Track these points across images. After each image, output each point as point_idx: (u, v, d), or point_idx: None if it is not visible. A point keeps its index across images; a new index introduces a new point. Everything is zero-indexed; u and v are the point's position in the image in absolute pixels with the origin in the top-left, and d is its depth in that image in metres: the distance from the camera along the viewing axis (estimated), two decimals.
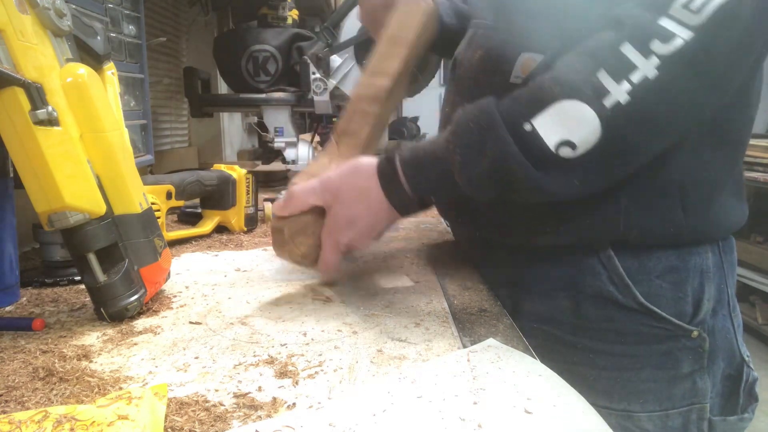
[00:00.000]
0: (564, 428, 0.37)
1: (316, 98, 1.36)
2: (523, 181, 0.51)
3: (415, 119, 2.77)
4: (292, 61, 1.54)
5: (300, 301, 0.63)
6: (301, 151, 1.55)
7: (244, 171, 1.00)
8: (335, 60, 1.33)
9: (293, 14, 1.70)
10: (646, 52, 0.46)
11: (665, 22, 0.46)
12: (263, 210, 1.11)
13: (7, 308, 0.62)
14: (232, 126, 2.27)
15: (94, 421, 0.34)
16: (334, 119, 2.29)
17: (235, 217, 0.99)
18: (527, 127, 0.50)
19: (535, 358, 0.48)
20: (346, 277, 0.72)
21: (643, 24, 0.46)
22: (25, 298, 0.64)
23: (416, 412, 0.38)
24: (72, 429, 0.34)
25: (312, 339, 0.52)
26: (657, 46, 0.45)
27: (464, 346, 0.50)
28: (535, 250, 0.64)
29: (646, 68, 0.46)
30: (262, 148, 1.61)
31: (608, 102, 0.47)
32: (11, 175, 0.62)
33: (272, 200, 1.20)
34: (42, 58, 0.51)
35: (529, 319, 0.65)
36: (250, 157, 2.10)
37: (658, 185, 0.57)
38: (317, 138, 2.10)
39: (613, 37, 0.48)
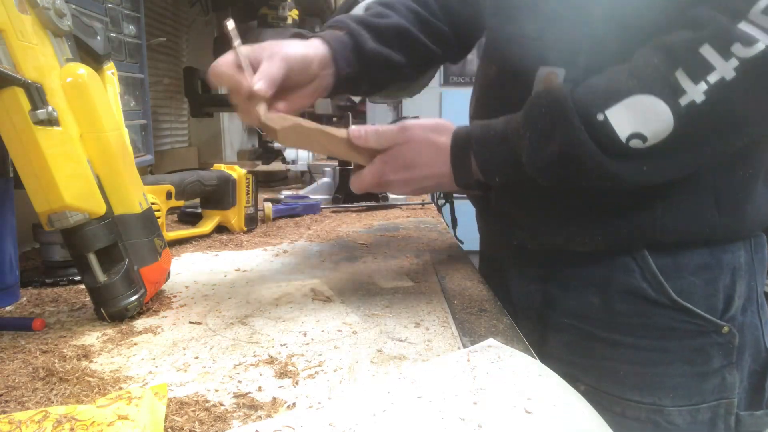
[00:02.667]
0: (564, 428, 0.37)
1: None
2: (591, 168, 0.52)
3: (416, 119, 2.76)
4: None
5: (300, 301, 0.63)
6: (301, 151, 1.55)
7: (244, 171, 1.01)
8: None
9: (293, 14, 1.70)
10: (726, 54, 0.46)
11: (745, 26, 0.45)
12: (263, 210, 1.11)
13: (7, 308, 0.62)
14: (232, 126, 2.27)
15: (94, 421, 0.34)
16: (334, 119, 2.29)
17: (235, 217, 0.99)
18: (600, 117, 0.50)
19: (535, 358, 0.47)
20: (346, 277, 0.72)
21: (724, 26, 0.46)
22: (25, 298, 0.64)
23: (416, 412, 0.38)
24: (72, 429, 0.34)
25: (312, 339, 0.52)
26: (738, 48, 0.46)
27: (464, 346, 0.50)
28: (568, 252, 0.64)
29: (724, 70, 0.46)
30: (262, 148, 1.61)
31: (684, 101, 0.48)
32: (11, 175, 0.62)
33: (272, 200, 1.20)
34: (42, 58, 0.51)
35: (560, 315, 0.66)
36: (250, 157, 2.10)
37: (692, 187, 0.58)
38: None
39: (691, 36, 0.48)
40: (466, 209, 1.26)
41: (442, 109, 4.07)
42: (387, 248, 0.88)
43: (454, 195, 1.26)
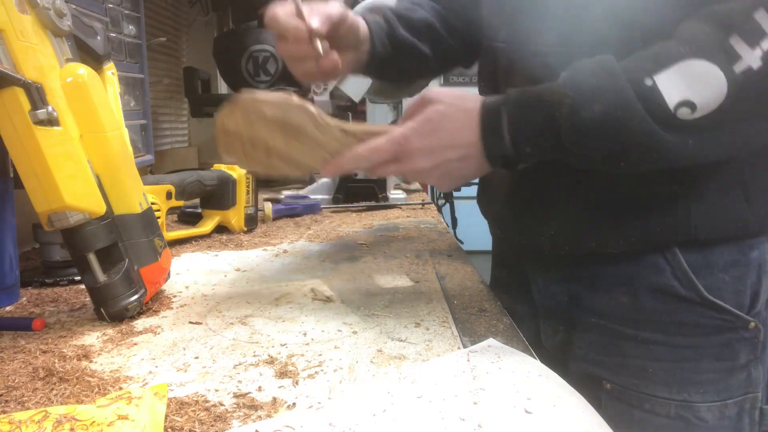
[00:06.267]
0: (564, 428, 0.37)
1: (316, 98, 1.36)
2: (636, 133, 0.49)
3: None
4: None
5: (300, 301, 0.63)
6: None
7: (244, 171, 1.01)
8: None
9: None
10: None
11: None
12: (263, 210, 1.11)
13: (7, 308, 0.62)
14: None
15: (94, 421, 0.34)
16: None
17: (235, 217, 0.99)
18: (648, 82, 0.48)
19: (535, 358, 0.47)
20: (345, 276, 0.72)
21: None
22: (25, 298, 0.64)
23: (416, 412, 0.38)
24: (72, 429, 0.34)
25: (312, 339, 0.52)
26: None
27: (464, 346, 0.50)
28: (597, 253, 0.63)
29: None
30: None
31: (739, 67, 0.46)
32: (11, 175, 0.62)
33: (272, 200, 1.20)
34: (42, 58, 0.51)
35: (587, 315, 0.66)
36: None
37: (721, 182, 0.58)
38: None
39: (744, 3, 0.47)
40: (466, 209, 1.26)
41: None
42: (387, 248, 0.88)
43: (455, 195, 1.26)
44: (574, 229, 0.63)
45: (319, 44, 0.59)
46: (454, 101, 0.56)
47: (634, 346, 0.63)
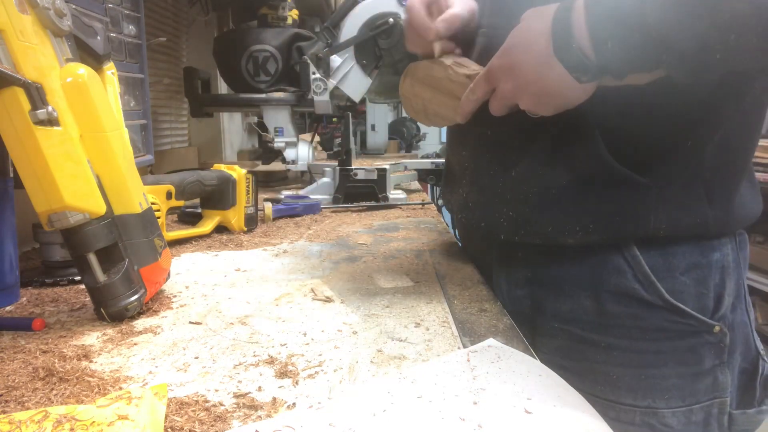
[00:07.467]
0: (564, 428, 0.37)
1: (316, 98, 1.36)
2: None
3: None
4: (292, 61, 1.54)
5: (300, 301, 0.63)
6: (301, 151, 1.55)
7: (244, 171, 1.01)
8: (335, 60, 1.33)
9: (293, 14, 1.71)
10: None
11: None
12: (263, 210, 1.11)
13: (7, 308, 0.62)
14: (232, 126, 2.27)
15: (94, 421, 0.34)
16: (334, 119, 2.29)
17: (235, 217, 0.99)
18: None
19: (535, 358, 0.47)
20: (345, 277, 0.72)
21: None
22: (25, 298, 0.64)
23: (416, 412, 0.38)
24: (72, 429, 0.34)
25: (312, 339, 0.52)
26: None
27: (464, 346, 0.50)
28: (558, 249, 0.63)
29: None
30: (262, 148, 1.61)
31: None
32: (11, 175, 0.62)
33: (272, 200, 1.20)
34: (42, 58, 0.51)
35: (551, 320, 0.65)
36: (250, 157, 2.10)
37: (685, 179, 0.57)
38: (317, 138, 2.10)
39: None
40: None
41: None
42: (387, 248, 0.88)
43: None
44: (533, 211, 0.62)
45: (438, 47, 0.63)
46: (540, 10, 0.51)
47: (599, 352, 0.62)
